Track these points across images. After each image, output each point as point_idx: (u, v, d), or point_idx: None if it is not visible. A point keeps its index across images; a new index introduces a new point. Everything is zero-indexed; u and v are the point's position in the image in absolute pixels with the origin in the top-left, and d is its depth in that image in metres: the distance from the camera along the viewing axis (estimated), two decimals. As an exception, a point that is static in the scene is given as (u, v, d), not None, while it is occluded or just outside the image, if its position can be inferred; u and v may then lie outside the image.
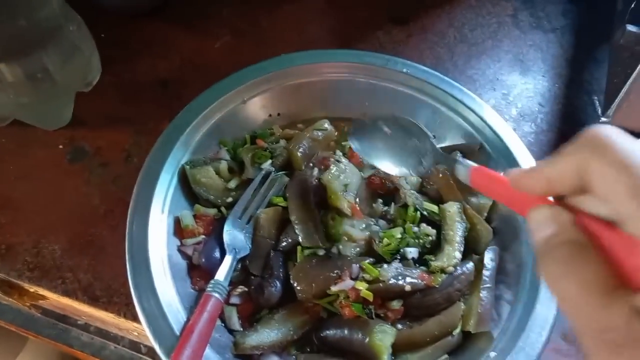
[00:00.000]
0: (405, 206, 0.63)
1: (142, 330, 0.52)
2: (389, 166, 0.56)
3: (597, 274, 0.25)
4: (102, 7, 0.82)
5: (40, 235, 0.64)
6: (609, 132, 0.27)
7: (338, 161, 0.64)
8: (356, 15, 0.89)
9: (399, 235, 0.60)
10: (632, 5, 0.68)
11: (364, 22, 0.88)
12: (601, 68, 0.81)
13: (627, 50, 0.66)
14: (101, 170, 0.70)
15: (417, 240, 0.60)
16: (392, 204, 0.64)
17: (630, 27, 0.66)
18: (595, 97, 0.79)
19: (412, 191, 0.64)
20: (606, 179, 0.26)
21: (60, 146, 0.72)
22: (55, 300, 0.65)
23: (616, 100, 0.64)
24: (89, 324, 0.74)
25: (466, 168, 0.41)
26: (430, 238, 0.61)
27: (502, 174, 0.38)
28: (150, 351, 0.72)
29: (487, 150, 0.65)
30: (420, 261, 0.60)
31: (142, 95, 0.77)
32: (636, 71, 0.60)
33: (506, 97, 0.80)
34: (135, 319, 0.54)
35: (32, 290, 0.65)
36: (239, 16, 0.87)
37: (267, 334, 0.54)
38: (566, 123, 0.77)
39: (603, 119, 0.67)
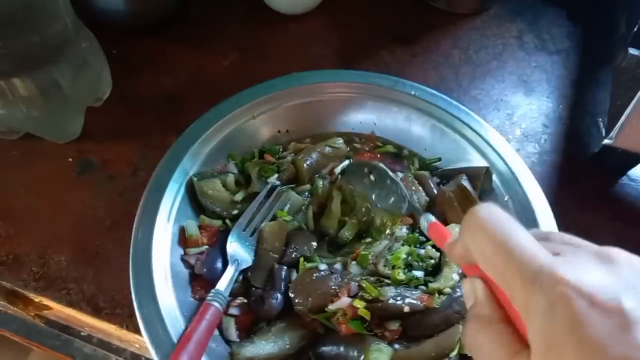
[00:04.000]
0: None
1: (143, 343, 0.52)
2: None
3: (498, 345, 0.28)
4: (112, 24, 0.84)
5: (47, 246, 0.65)
6: (482, 212, 0.30)
7: None
8: (361, 34, 0.90)
9: (404, 256, 0.60)
10: (635, 29, 0.69)
11: (368, 42, 0.89)
12: (604, 90, 0.82)
13: (629, 73, 0.66)
14: (108, 183, 0.71)
15: (421, 263, 0.60)
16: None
17: (632, 51, 0.66)
18: (599, 119, 0.79)
19: None
20: (482, 258, 0.29)
21: (69, 159, 0.73)
22: (59, 310, 0.66)
23: (618, 122, 0.65)
24: (92, 335, 0.74)
25: (426, 221, 0.50)
26: (432, 261, 0.61)
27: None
28: (151, 364, 0.72)
29: (492, 174, 0.66)
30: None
31: (149, 110, 0.78)
32: (638, 94, 0.61)
33: (510, 117, 0.80)
34: (137, 331, 0.54)
35: (37, 300, 0.66)
36: (245, 35, 0.89)
37: (262, 346, 0.54)
38: (570, 144, 0.78)
39: (606, 140, 0.67)
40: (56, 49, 0.67)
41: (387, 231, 0.63)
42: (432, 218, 0.51)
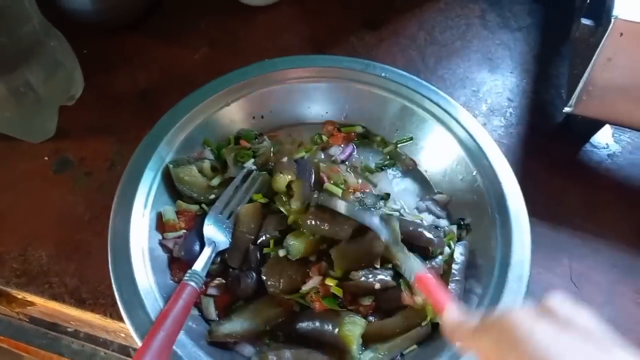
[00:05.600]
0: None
1: (128, 331, 0.54)
2: None
3: None
4: (81, 22, 0.84)
5: (27, 243, 0.66)
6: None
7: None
8: (329, 22, 0.92)
9: None
10: (588, 1, 0.72)
11: (337, 29, 0.91)
12: (566, 63, 0.85)
13: (583, 42, 0.69)
14: (86, 179, 0.72)
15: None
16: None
17: (585, 21, 0.69)
18: (562, 90, 0.82)
19: None
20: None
21: (46, 158, 0.74)
22: (43, 305, 0.67)
23: (576, 90, 0.67)
24: (79, 330, 0.75)
25: (413, 273, 0.53)
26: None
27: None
28: (139, 354, 0.73)
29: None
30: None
31: (123, 107, 0.79)
32: (592, 62, 0.63)
33: (476, 93, 0.83)
34: (120, 318, 0.55)
35: (20, 296, 0.67)
36: (216, 27, 0.90)
37: (240, 324, 0.56)
38: (535, 116, 0.80)
39: (566, 108, 0.70)
40: (26, 50, 0.68)
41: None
42: (422, 268, 0.53)
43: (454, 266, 0.60)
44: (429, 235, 0.61)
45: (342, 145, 0.74)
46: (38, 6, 0.69)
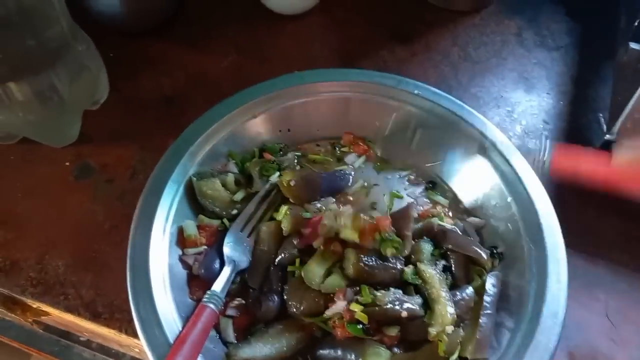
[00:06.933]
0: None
1: (142, 347, 0.52)
2: None
3: None
4: (108, 27, 0.83)
5: (44, 252, 0.65)
6: None
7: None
8: (358, 33, 0.90)
9: None
10: (636, 23, 0.69)
11: (367, 40, 0.89)
12: (606, 85, 0.81)
13: (630, 67, 0.66)
14: (106, 187, 0.71)
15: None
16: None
17: (633, 45, 0.66)
18: (600, 115, 0.79)
19: None
20: None
21: (67, 163, 0.73)
22: (58, 316, 0.65)
23: (620, 117, 0.64)
24: (91, 340, 0.74)
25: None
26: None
27: None
28: (152, 369, 0.71)
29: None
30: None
31: (147, 113, 0.78)
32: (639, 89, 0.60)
33: (510, 114, 0.80)
34: (136, 335, 0.54)
35: (35, 306, 0.66)
36: (242, 35, 0.89)
37: (260, 348, 0.54)
38: (571, 140, 0.77)
39: (608, 136, 0.67)
40: (53, 53, 0.67)
41: None
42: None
43: (486, 297, 0.57)
44: (477, 248, 0.60)
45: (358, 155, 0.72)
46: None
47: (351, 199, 0.68)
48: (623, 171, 0.36)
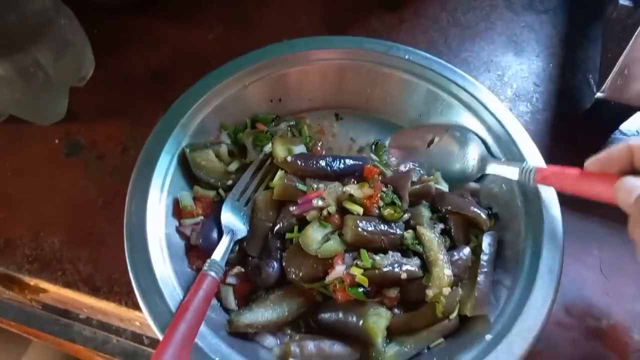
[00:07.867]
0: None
1: (144, 320, 0.52)
2: None
3: None
4: (90, 2, 0.81)
5: (39, 229, 0.64)
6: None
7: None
8: (346, 2, 0.89)
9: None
10: (623, -20, 0.68)
11: (355, 9, 0.88)
12: (594, 46, 0.81)
13: (620, 24, 0.66)
14: (98, 164, 0.70)
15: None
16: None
17: (623, 1, 0.65)
18: (590, 75, 0.79)
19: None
20: None
21: (56, 141, 0.72)
22: (56, 292, 0.65)
23: (610, 74, 0.64)
24: (91, 317, 0.74)
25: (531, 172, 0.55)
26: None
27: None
28: (153, 343, 0.72)
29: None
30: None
31: (135, 88, 0.77)
32: (629, 44, 0.60)
33: (501, 78, 0.80)
34: (136, 307, 0.54)
35: (32, 283, 0.65)
36: (229, 7, 0.87)
37: (261, 314, 0.54)
38: (562, 101, 0.77)
39: (598, 94, 0.67)
40: (35, 28, 0.65)
41: None
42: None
43: (483, 257, 0.58)
44: (475, 209, 0.60)
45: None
46: (47, -18, 0.66)
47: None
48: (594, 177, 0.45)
